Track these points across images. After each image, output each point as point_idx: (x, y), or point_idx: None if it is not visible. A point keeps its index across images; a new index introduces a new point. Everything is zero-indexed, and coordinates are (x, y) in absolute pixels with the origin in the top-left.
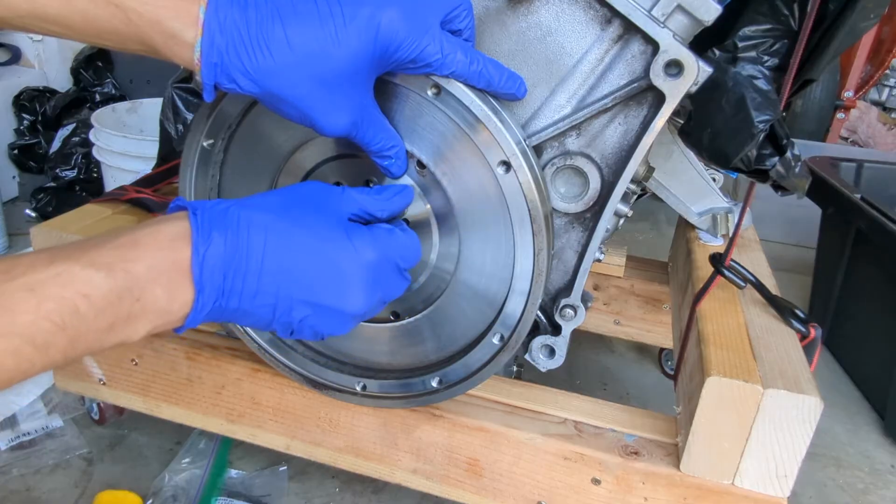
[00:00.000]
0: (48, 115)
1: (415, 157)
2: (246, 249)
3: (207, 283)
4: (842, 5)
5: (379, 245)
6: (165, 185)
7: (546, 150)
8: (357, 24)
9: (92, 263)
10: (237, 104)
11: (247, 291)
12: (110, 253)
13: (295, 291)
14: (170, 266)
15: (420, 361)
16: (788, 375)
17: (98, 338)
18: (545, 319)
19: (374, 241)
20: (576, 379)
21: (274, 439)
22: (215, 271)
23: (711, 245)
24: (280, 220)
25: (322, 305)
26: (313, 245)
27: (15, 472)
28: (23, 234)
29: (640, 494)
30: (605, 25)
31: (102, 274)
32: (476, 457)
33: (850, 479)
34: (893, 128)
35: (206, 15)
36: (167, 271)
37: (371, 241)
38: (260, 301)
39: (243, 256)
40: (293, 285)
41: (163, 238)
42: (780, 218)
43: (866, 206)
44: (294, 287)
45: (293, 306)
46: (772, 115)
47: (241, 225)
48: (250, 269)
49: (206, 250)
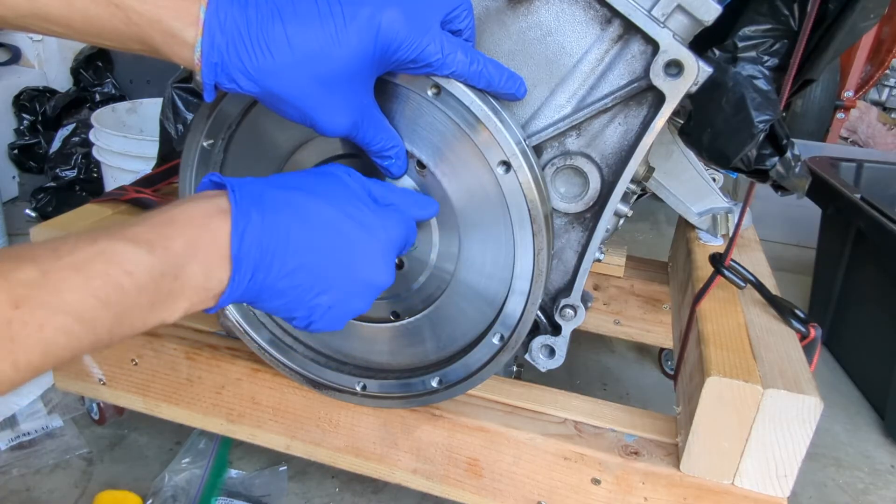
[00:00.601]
0: (48, 115)
1: (415, 157)
2: (285, 228)
3: (245, 260)
4: (842, 5)
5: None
6: (165, 185)
7: (546, 150)
8: (357, 23)
9: (133, 240)
10: (237, 104)
11: (284, 269)
12: (149, 231)
13: (329, 266)
14: (207, 243)
15: (420, 361)
16: (788, 375)
17: (141, 315)
18: (545, 319)
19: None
20: (576, 379)
21: (274, 439)
22: (252, 248)
23: (711, 245)
24: (314, 198)
25: (355, 278)
26: (345, 222)
27: (15, 472)
28: (23, 234)
29: (640, 494)
30: (605, 25)
31: (143, 251)
32: (476, 457)
33: (850, 479)
34: (893, 128)
35: (206, 14)
36: (204, 247)
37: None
38: (294, 280)
39: (281, 234)
40: (327, 260)
41: (197, 215)
42: (780, 218)
43: (866, 206)
44: (328, 262)
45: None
46: (772, 115)
47: (278, 203)
48: (289, 247)
49: (245, 227)
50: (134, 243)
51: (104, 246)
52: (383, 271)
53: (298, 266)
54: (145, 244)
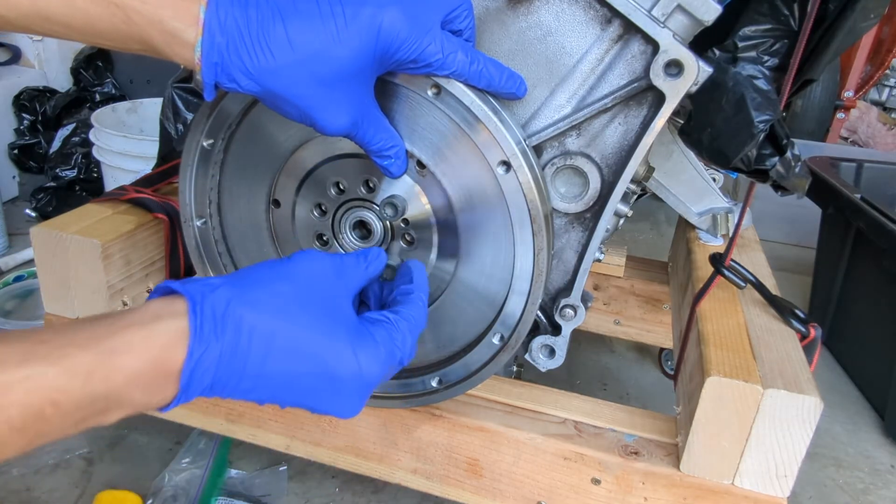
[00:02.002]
0: (48, 115)
1: (415, 156)
2: (245, 356)
3: (195, 385)
4: (842, 5)
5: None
6: (165, 185)
7: (546, 149)
8: (358, 23)
9: (70, 370)
10: (237, 103)
11: (239, 389)
12: (93, 360)
13: (288, 395)
14: (155, 373)
15: (420, 361)
16: (788, 375)
17: (62, 432)
18: (545, 319)
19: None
20: (576, 379)
21: (274, 439)
22: (206, 374)
23: (711, 245)
24: (285, 324)
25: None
26: (318, 359)
27: (15, 472)
28: (23, 233)
29: (640, 494)
30: (605, 25)
31: (79, 382)
32: (476, 457)
33: (850, 479)
34: (893, 128)
35: (206, 14)
36: (152, 376)
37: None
38: (251, 396)
39: (240, 362)
40: (291, 391)
41: (157, 343)
42: (780, 218)
43: (866, 206)
44: (287, 391)
45: (284, 403)
46: (772, 115)
47: (241, 328)
48: (246, 374)
49: (201, 355)
50: (68, 373)
51: (32, 370)
52: (348, 412)
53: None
54: (82, 375)
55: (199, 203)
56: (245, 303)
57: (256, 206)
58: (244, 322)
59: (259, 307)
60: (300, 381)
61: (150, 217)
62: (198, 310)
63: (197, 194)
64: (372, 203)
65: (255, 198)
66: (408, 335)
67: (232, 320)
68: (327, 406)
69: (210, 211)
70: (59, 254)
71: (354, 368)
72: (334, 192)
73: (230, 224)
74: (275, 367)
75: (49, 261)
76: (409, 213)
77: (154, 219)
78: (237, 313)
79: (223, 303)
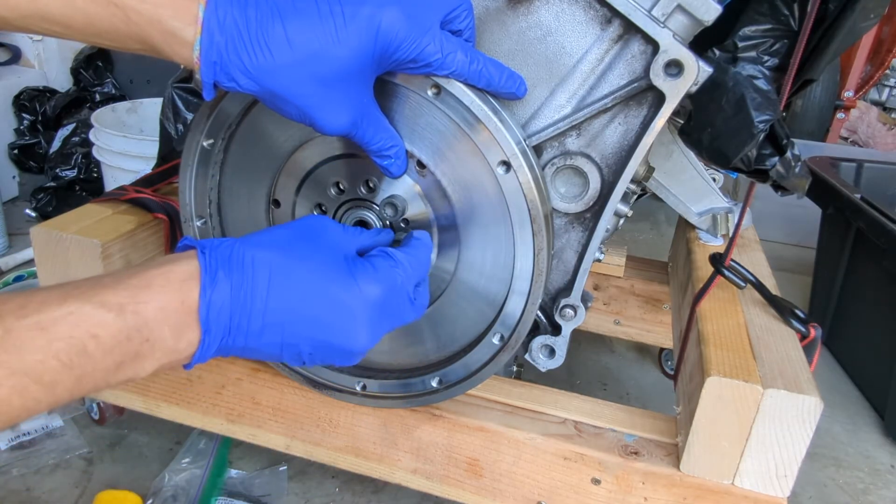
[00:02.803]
0: (48, 115)
1: (415, 156)
2: (251, 289)
3: (214, 324)
4: (842, 5)
5: (383, 279)
6: (165, 185)
7: (546, 150)
8: (358, 23)
9: (103, 304)
10: (237, 103)
11: (252, 330)
12: (122, 293)
13: (300, 329)
14: (178, 307)
15: (420, 361)
16: (788, 375)
17: (105, 376)
18: (545, 319)
19: (377, 277)
20: (576, 379)
21: (274, 439)
22: (222, 312)
23: (711, 245)
24: (285, 258)
25: (328, 343)
26: (318, 284)
27: (15, 472)
28: (23, 233)
29: (640, 494)
30: (605, 25)
31: (113, 314)
32: (476, 457)
33: (850, 479)
34: (893, 128)
35: (205, 13)
36: (176, 312)
37: (375, 277)
38: (266, 339)
39: (248, 296)
40: (298, 323)
41: (174, 279)
42: (780, 218)
43: (866, 206)
44: (299, 325)
45: (299, 343)
46: (772, 115)
47: (245, 264)
48: (255, 309)
49: (213, 291)
50: (104, 307)
51: (73, 307)
52: (359, 338)
53: (267, 325)
54: (115, 307)
55: (199, 203)
56: (250, 245)
57: (256, 206)
58: (248, 258)
59: (262, 246)
60: (305, 309)
61: (150, 217)
62: (207, 252)
63: (197, 194)
64: (372, 203)
65: (255, 198)
66: (407, 265)
67: (237, 259)
68: (337, 335)
69: (210, 211)
70: (59, 254)
71: (355, 290)
72: (334, 192)
73: (230, 224)
74: (280, 297)
75: (49, 261)
76: (409, 213)
77: (154, 219)
78: (242, 252)
79: (229, 247)
